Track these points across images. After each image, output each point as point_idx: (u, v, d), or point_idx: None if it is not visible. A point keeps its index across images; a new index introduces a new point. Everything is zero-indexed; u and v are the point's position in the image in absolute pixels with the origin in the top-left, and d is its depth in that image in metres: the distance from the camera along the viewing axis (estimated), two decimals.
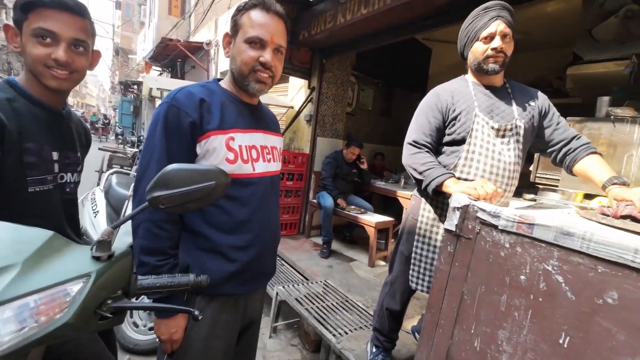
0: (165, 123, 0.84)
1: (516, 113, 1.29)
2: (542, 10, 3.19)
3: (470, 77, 1.38)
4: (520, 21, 1.38)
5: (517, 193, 1.51)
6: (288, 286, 2.47)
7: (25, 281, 0.48)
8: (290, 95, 4.49)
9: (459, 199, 0.89)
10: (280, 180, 1.80)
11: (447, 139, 1.35)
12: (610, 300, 0.61)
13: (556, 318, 0.67)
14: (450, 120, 1.33)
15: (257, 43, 0.88)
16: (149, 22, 14.27)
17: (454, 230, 0.88)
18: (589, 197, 1.87)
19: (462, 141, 1.30)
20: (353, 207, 3.66)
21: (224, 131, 0.88)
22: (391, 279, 1.60)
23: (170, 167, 0.64)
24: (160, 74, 10.39)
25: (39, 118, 0.86)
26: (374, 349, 1.70)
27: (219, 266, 0.89)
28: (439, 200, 1.37)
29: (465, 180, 1.26)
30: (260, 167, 0.96)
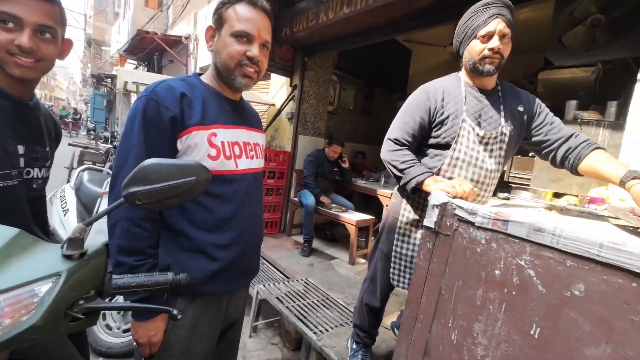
0: (144, 117, 0.81)
1: (503, 120, 1.28)
2: (517, 17, 3.32)
3: (464, 76, 1.35)
4: None
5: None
6: (269, 285, 2.45)
7: None
8: (271, 92, 4.45)
9: (437, 197, 0.91)
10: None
11: (432, 141, 1.34)
12: (578, 293, 0.64)
13: (528, 310, 0.70)
14: (437, 123, 1.31)
15: (243, 37, 0.86)
16: (124, 12, 13.74)
17: (433, 227, 0.90)
18: (557, 195, 1.98)
19: (446, 146, 1.29)
20: (334, 205, 3.68)
21: (206, 127, 0.86)
22: (371, 275, 1.62)
23: (148, 161, 0.61)
24: (136, 67, 10.00)
25: (3, 109, 0.81)
26: (355, 345, 1.72)
27: (200, 265, 0.87)
28: (419, 200, 1.38)
29: None
30: (243, 164, 0.94)
